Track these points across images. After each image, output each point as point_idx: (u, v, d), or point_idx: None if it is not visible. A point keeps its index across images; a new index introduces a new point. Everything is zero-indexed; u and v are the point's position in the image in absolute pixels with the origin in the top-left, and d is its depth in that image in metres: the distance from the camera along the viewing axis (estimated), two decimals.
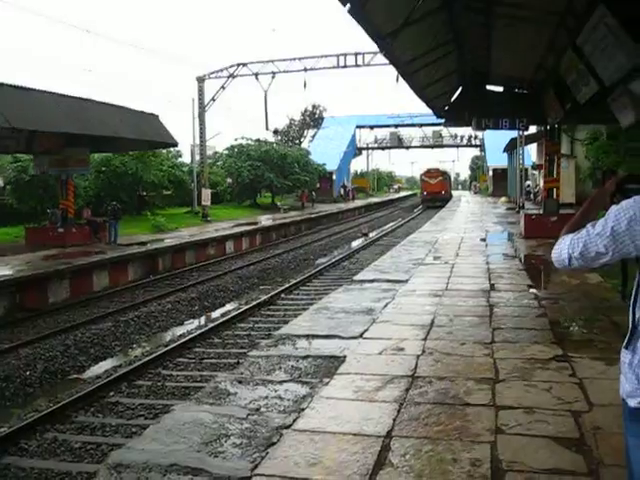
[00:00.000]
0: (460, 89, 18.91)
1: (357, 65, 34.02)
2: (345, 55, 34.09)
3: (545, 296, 9.97)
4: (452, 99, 19.59)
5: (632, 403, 2.36)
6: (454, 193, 77.51)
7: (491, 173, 67.75)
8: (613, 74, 9.42)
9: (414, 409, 5.14)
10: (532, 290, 10.53)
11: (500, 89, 19.11)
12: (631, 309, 2.42)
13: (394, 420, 4.91)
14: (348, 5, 8.73)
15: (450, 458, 4.20)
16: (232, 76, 36.53)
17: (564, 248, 2.47)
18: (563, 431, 4.59)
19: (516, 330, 7.68)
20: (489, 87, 18.84)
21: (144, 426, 5.94)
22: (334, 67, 34.53)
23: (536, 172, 41.97)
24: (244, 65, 36.07)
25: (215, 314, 15.31)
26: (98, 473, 4.27)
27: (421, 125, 67.81)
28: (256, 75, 35.12)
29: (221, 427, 4.92)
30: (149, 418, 7.75)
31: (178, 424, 5.02)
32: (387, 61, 13.60)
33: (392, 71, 13.87)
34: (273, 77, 34.69)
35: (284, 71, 34.99)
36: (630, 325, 2.42)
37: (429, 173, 62.31)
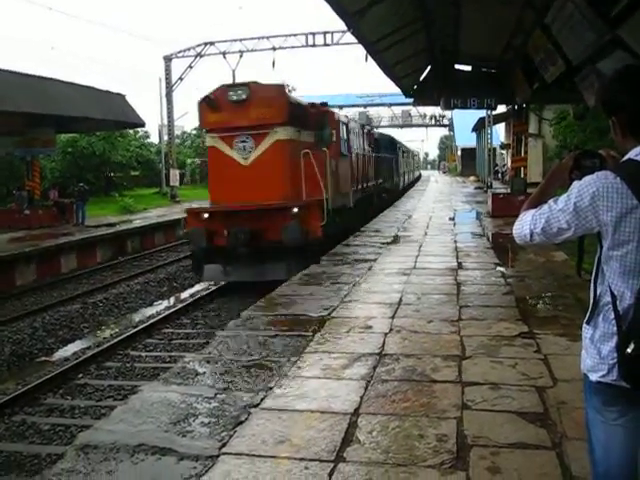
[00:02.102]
0: (429, 68, 18.90)
1: (326, 44, 33.80)
2: (314, 34, 33.85)
3: (512, 274, 10.07)
4: (421, 78, 19.59)
5: (593, 377, 2.39)
6: (423, 173, 77.75)
7: (460, 153, 68.16)
8: (580, 53, 9.49)
9: (381, 386, 5.17)
10: (499, 268, 10.63)
11: (469, 68, 19.15)
12: (592, 285, 2.45)
13: (361, 397, 4.93)
14: None
15: (417, 434, 4.23)
16: (199, 55, 36.09)
17: (525, 224, 2.48)
18: (528, 406, 4.65)
19: (483, 308, 7.75)
20: (458, 66, 18.86)
21: (113, 407, 5.88)
22: (303, 46, 34.26)
23: (504, 151, 42.27)
24: (211, 44, 35.62)
25: (184, 294, 15.23)
26: (65, 454, 4.23)
27: (390, 105, 67.59)
28: (224, 54, 34.66)
29: (189, 407, 4.90)
30: (118, 399, 7.69)
31: (146, 404, 4.99)
32: (356, 40, 13.51)
33: (361, 50, 13.78)
34: (241, 56, 34.23)
35: (252, 50, 34.59)
36: (591, 301, 2.44)
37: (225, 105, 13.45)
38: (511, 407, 4.64)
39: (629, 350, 2.21)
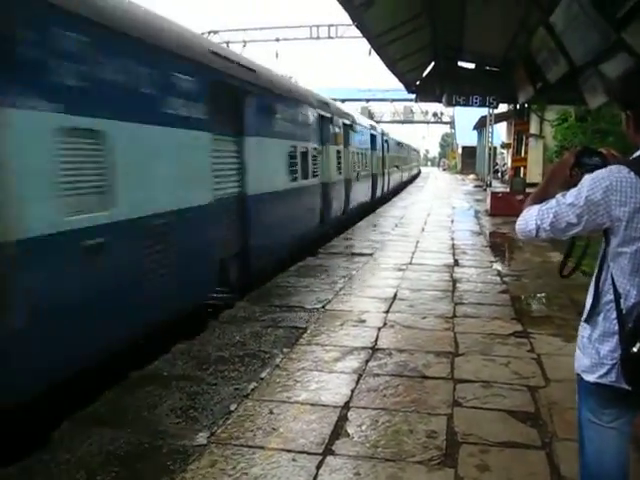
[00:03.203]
0: (432, 64, 18.82)
1: (330, 37, 33.73)
2: (318, 26, 33.79)
3: (508, 273, 10.06)
4: (424, 74, 19.51)
5: (590, 378, 2.36)
6: (423, 170, 77.67)
7: (460, 150, 68.06)
8: (584, 54, 9.44)
9: (373, 380, 5.15)
10: (495, 266, 10.62)
11: (472, 66, 19.06)
12: (593, 283, 2.41)
13: (352, 391, 4.91)
14: None
15: (406, 429, 4.22)
16: None
17: (531, 219, 2.42)
18: (519, 405, 4.65)
19: (478, 305, 7.73)
20: (461, 63, 18.78)
21: None
22: (307, 38, 34.18)
23: (505, 151, 42.20)
24: (215, 32, 35.47)
25: None
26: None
27: (392, 100, 67.51)
28: (227, 43, 34.50)
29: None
30: None
31: None
32: (360, 34, 13.44)
33: (365, 44, 13.72)
34: (244, 46, 34.09)
35: (255, 40, 34.50)
36: (591, 299, 2.40)
37: None
38: (502, 405, 4.63)
39: (635, 349, 2.17)
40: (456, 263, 10.83)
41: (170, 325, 6.33)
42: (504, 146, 40.59)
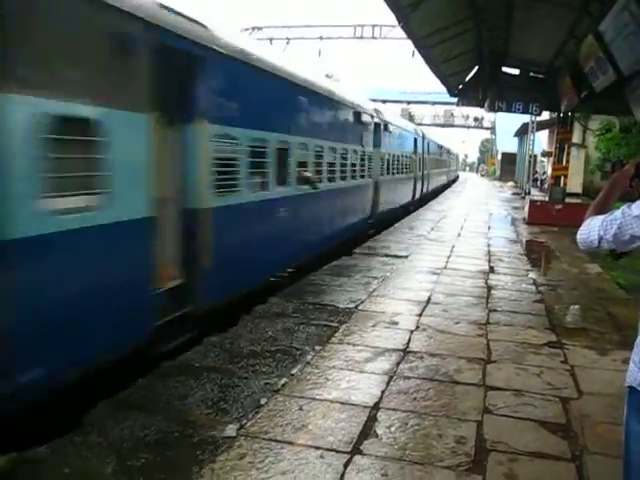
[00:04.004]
0: (476, 68, 18.73)
1: (374, 37, 33.57)
2: (362, 26, 33.66)
3: (544, 282, 9.93)
4: (467, 78, 19.41)
5: None
6: (461, 175, 77.09)
7: (500, 157, 67.42)
8: (633, 64, 9.28)
9: (403, 383, 5.14)
10: (531, 275, 10.50)
11: (516, 72, 18.90)
12: None
13: (382, 392, 4.91)
14: None
15: (435, 433, 4.20)
16: None
17: (593, 229, 2.39)
18: (550, 416, 4.60)
19: (512, 313, 7.66)
20: (505, 69, 18.64)
21: None
22: (351, 38, 34.10)
23: (545, 159, 41.70)
24: (259, 29, 35.62)
25: None
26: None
27: (433, 103, 67.11)
28: (270, 40, 34.66)
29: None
30: None
31: None
32: (404, 35, 13.41)
33: (407, 45, 13.70)
34: (287, 43, 34.20)
35: (299, 38, 34.56)
36: None
37: None
38: (533, 415, 4.59)
39: None
40: (491, 270, 10.74)
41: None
42: (545, 154, 40.14)
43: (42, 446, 3.90)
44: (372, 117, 14.98)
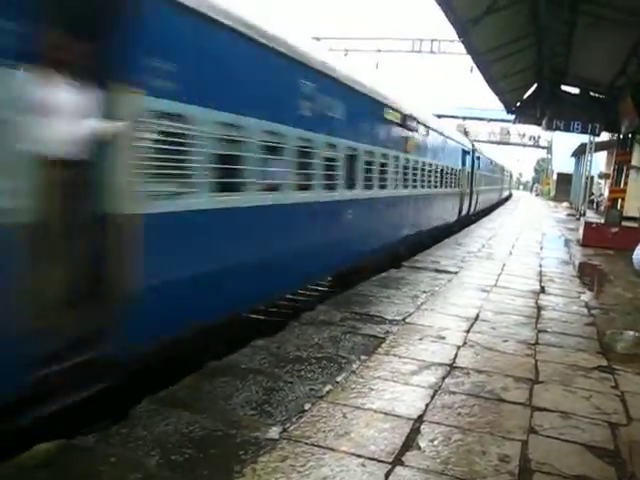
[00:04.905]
0: (535, 86, 18.53)
1: (432, 52, 33.57)
2: (421, 40, 33.70)
3: (596, 305, 9.73)
4: (525, 95, 19.21)
5: None
6: (515, 193, 76.14)
7: (555, 177, 66.36)
8: None
9: (448, 397, 5.10)
10: (583, 297, 10.30)
11: (576, 90, 18.62)
12: None
13: (427, 405, 4.89)
14: None
15: (479, 450, 4.16)
16: None
17: None
18: (598, 440, 4.50)
19: (562, 335, 7.53)
20: (564, 87, 18.38)
21: None
22: (409, 51, 34.14)
23: (602, 181, 40.89)
24: (318, 40, 35.92)
25: None
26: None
27: (490, 120, 66.53)
28: (329, 50, 34.97)
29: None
30: None
31: None
32: (464, 50, 13.38)
33: (465, 61, 13.65)
34: (345, 54, 34.42)
35: (357, 50, 34.74)
36: None
37: None
38: (580, 438, 4.50)
39: None
40: (542, 290, 10.57)
41: None
42: (602, 176, 39.36)
43: (90, 435, 4.01)
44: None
